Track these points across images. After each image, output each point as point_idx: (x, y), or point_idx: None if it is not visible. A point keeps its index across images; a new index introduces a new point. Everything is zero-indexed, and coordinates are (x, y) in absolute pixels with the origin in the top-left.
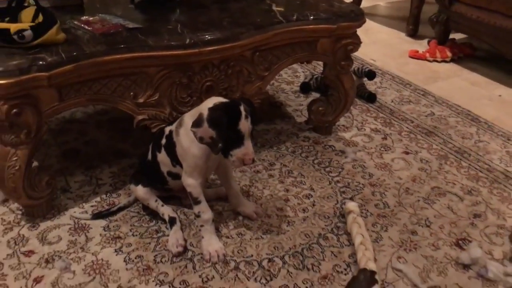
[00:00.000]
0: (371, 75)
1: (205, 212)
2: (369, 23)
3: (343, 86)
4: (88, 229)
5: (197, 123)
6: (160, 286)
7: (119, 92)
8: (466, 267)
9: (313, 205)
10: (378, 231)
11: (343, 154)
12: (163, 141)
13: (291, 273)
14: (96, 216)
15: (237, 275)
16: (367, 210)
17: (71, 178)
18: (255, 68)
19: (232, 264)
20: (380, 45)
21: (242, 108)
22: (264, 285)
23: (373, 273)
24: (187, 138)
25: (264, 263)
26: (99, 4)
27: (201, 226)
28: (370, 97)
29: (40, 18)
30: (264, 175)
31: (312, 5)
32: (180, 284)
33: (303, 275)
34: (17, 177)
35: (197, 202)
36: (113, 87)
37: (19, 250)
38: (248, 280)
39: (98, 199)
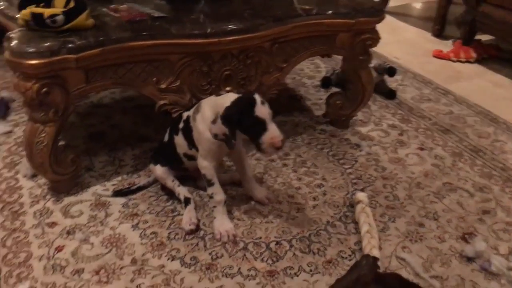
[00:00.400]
0: (391, 71)
1: (218, 193)
2: (396, 22)
3: (361, 80)
4: (108, 206)
5: (213, 121)
6: (171, 261)
7: (143, 77)
8: (470, 260)
9: (324, 194)
10: (385, 221)
11: (358, 148)
12: (181, 125)
13: (297, 256)
14: (117, 193)
15: (245, 254)
16: (377, 202)
17: (95, 158)
18: (273, 59)
19: (241, 244)
20: (405, 43)
21: (256, 96)
22: (270, 265)
23: (375, 259)
24: (203, 124)
25: (272, 245)
26: None
27: (214, 207)
28: (390, 94)
29: (72, 4)
30: (278, 164)
31: (333, 0)
32: (190, 260)
33: (308, 259)
34: (44, 152)
35: (210, 184)
36: (137, 72)
37: (44, 221)
38: (255, 260)
39: (119, 178)
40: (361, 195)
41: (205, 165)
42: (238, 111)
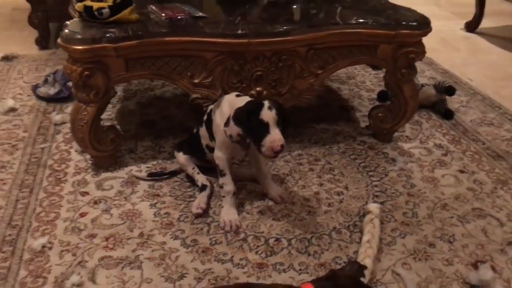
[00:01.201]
0: (450, 91)
1: (228, 184)
2: (483, 43)
3: (403, 94)
4: (136, 184)
5: (226, 123)
6: (174, 240)
7: (178, 71)
8: (473, 287)
9: (341, 202)
10: (395, 236)
11: (393, 162)
12: (205, 117)
13: (292, 254)
14: (150, 175)
15: (242, 245)
16: (393, 216)
17: (140, 143)
18: (308, 64)
19: (242, 235)
20: (484, 65)
21: (266, 102)
22: (262, 259)
23: (362, 267)
24: (220, 117)
25: (271, 241)
26: None
27: (223, 196)
28: (447, 114)
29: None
30: (305, 167)
31: (378, 11)
32: (190, 241)
33: (302, 259)
34: (84, 129)
35: (222, 174)
36: (173, 66)
37: (78, 190)
38: (250, 252)
39: (154, 162)
40: (372, 206)
41: (219, 156)
42: (246, 112)
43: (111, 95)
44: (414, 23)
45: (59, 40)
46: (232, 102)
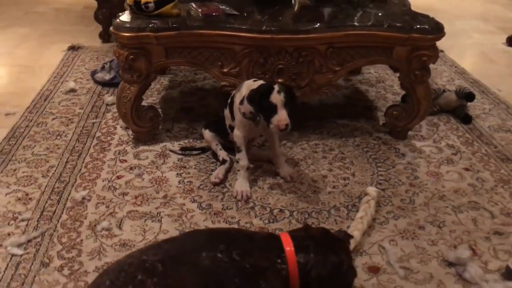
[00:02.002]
0: (469, 97)
1: (243, 159)
2: None
3: (416, 94)
4: (167, 158)
5: (241, 102)
6: (192, 202)
7: (210, 60)
8: (450, 264)
9: (345, 185)
10: (388, 217)
11: (402, 157)
12: (229, 100)
13: (291, 223)
14: (182, 149)
15: (249, 212)
16: (391, 201)
17: (177, 124)
18: (327, 61)
19: (251, 204)
20: None
21: (275, 86)
22: (265, 224)
23: (348, 236)
24: (239, 99)
25: (275, 211)
26: None
27: (238, 170)
28: (465, 118)
29: None
30: (319, 155)
31: (397, 16)
32: (206, 205)
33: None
34: (127, 106)
35: (239, 150)
36: (206, 56)
37: (118, 158)
38: (255, 218)
39: (186, 141)
40: (371, 189)
41: (237, 134)
42: (258, 94)
43: (152, 79)
44: (426, 28)
45: (111, 28)
46: (249, 85)
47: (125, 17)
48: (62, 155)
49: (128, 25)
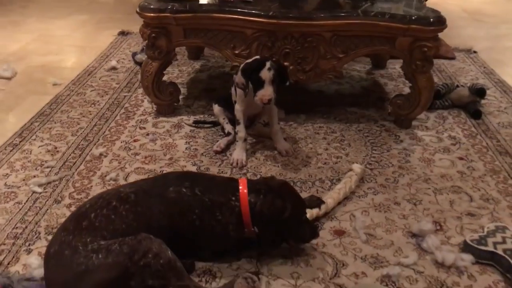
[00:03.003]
0: (480, 93)
1: (241, 131)
2: None
3: (417, 84)
4: (181, 128)
5: (236, 72)
6: (192, 165)
7: (224, 42)
8: (413, 236)
9: (336, 163)
10: (368, 192)
11: (400, 143)
12: (234, 78)
13: None
14: (195, 122)
15: (240, 176)
16: (375, 179)
17: (197, 102)
18: (331, 48)
19: (244, 171)
20: None
21: (267, 62)
22: None
23: (320, 201)
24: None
25: None
26: None
27: (236, 141)
28: (475, 114)
29: None
30: (320, 136)
31: (401, 8)
32: (204, 168)
33: None
34: (149, 79)
35: (238, 123)
36: (220, 38)
37: (139, 125)
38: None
39: (201, 116)
40: (355, 166)
41: (237, 108)
42: (250, 68)
43: (172, 56)
44: (426, 20)
45: (137, 9)
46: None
47: (150, 0)
48: (92, 119)
49: (151, 6)
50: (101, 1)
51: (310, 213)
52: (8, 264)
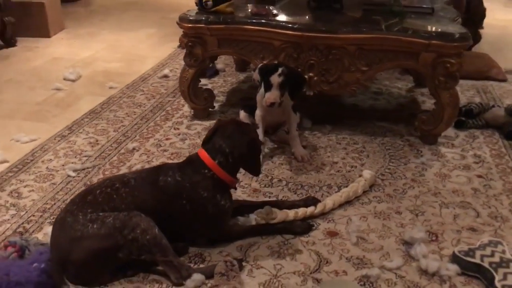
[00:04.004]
0: None
1: (259, 135)
2: None
3: (440, 100)
4: None
5: (254, 69)
6: None
7: (254, 52)
8: (405, 243)
9: (349, 171)
10: (372, 200)
11: (419, 158)
12: (252, 74)
13: (283, 190)
14: None
15: (252, 177)
16: (383, 189)
17: (232, 109)
18: (355, 61)
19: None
20: None
21: (280, 68)
22: (260, 187)
23: (316, 200)
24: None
25: (275, 180)
26: (288, 3)
27: None
28: (509, 135)
29: None
30: (341, 146)
31: (428, 24)
32: None
33: (287, 194)
34: (185, 84)
35: (257, 127)
36: (251, 48)
37: (174, 126)
38: (255, 182)
39: None
40: (366, 172)
41: (257, 113)
42: (264, 70)
43: (206, 65)
44: (448, 36)
45: (177, 20)
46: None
47: (189, 12)
48: (135, 119)
49: (189, 18)
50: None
51: (305, 211)
52: (33, 232)
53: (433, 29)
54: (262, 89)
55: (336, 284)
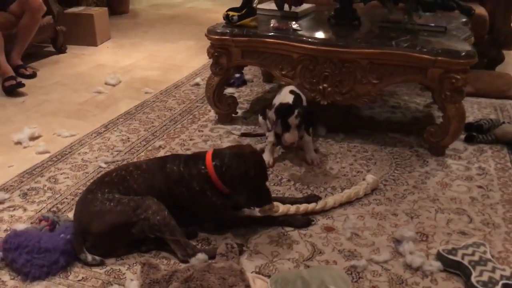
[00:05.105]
0: None
1: (270, 137)
2: None
3: (447, 113)
4: (232, 134)
5: (270, 108)
6: None
7: (274, 64)
8: (396, 241)
9: (354, 176)
10: (371, 202)
11: (425, 167)
12: (266, 111)
13: (290, 189)
14: (242, 134)
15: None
16: (384, 193)
17: (254, 115)
18: (366, 74)
19: (268, 171)
20: None
21: (296, 109)
22: (270, 185)
23: (317, 197)
24: (276, 98)
25: (283, 180)
26: (311, 19)
27: (266, 144)
28: None
29: (244, 11)
30: (351, 153)
31: (435, 42)
32: None
33: (293, 193)
34: (211, 91)
35: (268, 129)
36: (271, 60)
37: (199, 128)
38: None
39: (253, 127)
40: (369, 176)
41: (270, 116)
42: (282, 112)
43: (231, 73)
44: (454, 53)
45: (206, 32)
46: (285, 93)
47: (216, 25)
48: (164, 121)
49: (216, 30)
50: None
51: (306, 206)
52: (64, 211)
53: (441, 46)
54: (273, 109)
55: (323, 269)
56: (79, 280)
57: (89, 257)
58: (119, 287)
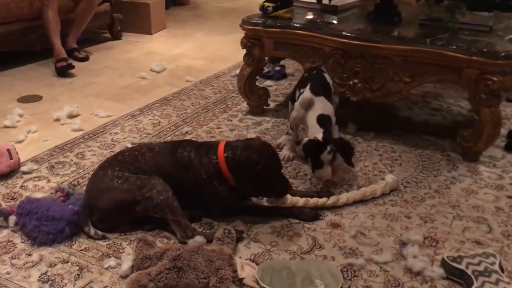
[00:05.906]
0: None
1: (292, 136)
2: None
3: (481, 117)
4: (259, 125)
5: (298, 143)
6: None
7: (306, 56)
8: (402, 244)
9: (375, 175)
10: (386, 203)
11: (452, 172)
12: (296, 148)
13: (305, 182)
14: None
15: (286, 167)
16: (402, 195)
17: (286, 109)
18: (398, 72)
19: (288, 164)
20: None
21: (329, 146)
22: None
23: (330, 192)
24: (302, 89)
25: (301, 173)
26: (350, 14)
27: (288, 140)
28: None
29: (279, 2)
30: (378, 153)
31: (474, 41)
32: None
33: (307, 186)
34: (242, 81)
35: (291, 128)
36: (303, 52)
37: (228, 118)
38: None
39: (283, 119)
40: (389, 176)
41: (292, 115)
42: (312, 149)
43: (263, 64)
44: (490, 53)
45: (240, 22)
46: (311, 114)
47: (251, 16)
48: (197, 108)
49: (249, 21)
50: None
51: (316, 200)
52: (84, 185)
53: (478, 45)
54: (299, 100)
55: (313, 262)
56: (81, 250)
57: (92, 231)
58: (116, 259)
